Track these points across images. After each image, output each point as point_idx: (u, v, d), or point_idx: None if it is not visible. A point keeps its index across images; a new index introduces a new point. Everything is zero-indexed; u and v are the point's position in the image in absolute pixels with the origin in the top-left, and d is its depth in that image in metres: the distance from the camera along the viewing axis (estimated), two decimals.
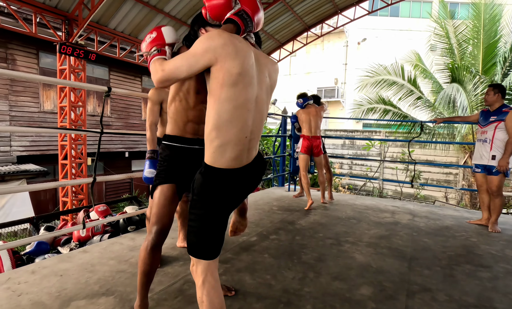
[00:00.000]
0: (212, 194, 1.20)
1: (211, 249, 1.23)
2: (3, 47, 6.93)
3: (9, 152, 7.13)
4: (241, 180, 1.24)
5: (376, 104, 10.32)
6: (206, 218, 1.21)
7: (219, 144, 1.16)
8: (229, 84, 1.11)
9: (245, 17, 1.21)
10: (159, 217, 1.51)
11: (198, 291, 1.22)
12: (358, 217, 3.70)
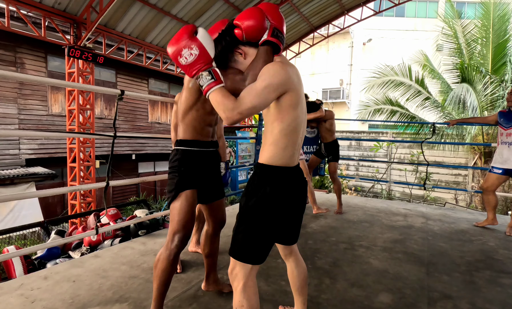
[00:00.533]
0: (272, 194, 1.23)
1: (261, 254, 1.24)
2: (12, 51, 7.00)
3: (18, 156, 7.19)
4: (295, 179, 1.28)
5: (383, 105, 10.24)
6: (252, 219, 1.22)
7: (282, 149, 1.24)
8: (293, 108, 1.21)
9: (280, 36, 1.24)
10: (184, 224, 1.50)
11: (238, 295, 1.21)
12: (370, 220, 3.64)
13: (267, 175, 1.24)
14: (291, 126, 1.22)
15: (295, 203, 1.30)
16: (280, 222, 1.26)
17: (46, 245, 2.02)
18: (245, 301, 1.20)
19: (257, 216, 1.22)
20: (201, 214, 2.46)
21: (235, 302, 1.22)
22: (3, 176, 6.23)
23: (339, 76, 20.73)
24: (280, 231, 1.30)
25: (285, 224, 1.30)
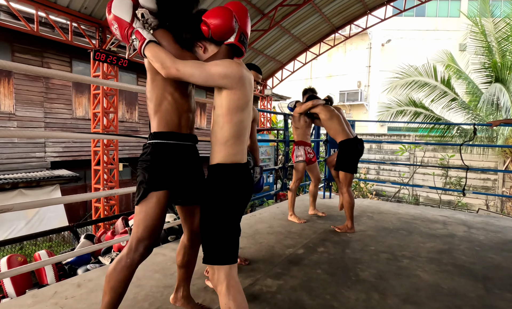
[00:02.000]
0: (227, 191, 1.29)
1: (233, 252, 1.29)
2: (39, 56, 7.17)
3: (43, 158, 7.33)
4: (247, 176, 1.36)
5: (406, 107, 9.89)
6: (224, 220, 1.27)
7: (232, 149, 1.29)
8: (240, 110, 1.28)
9: (245, 41, 1.32)
10: (152, 231, 1.31)
11: (223, 298, 1.22)
12: (407, 228, 3.42)
13: (224, 174, 1.29)
14: (239, 127, 1.29)
15: (248, 197, 1.37)
16: (239, 217, 1.34)
17: (80, 251, 1.95)
18: (231, 302, 1.21)
19: (222, 217, 1.27)
20: None
21: (222, 306, 1.23)
22: (30, 178, 6.35)
23: (357, 78, 20.35)
24: (238, 224, 1.35)
25: (239, 218, 1.37)
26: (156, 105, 1.35)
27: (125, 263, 1.31)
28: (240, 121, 1.28)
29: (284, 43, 10.21)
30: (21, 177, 6.38)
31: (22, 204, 1.57)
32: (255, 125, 2.37)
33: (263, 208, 4.30)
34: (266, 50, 10.16)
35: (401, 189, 10.11)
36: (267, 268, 2.27)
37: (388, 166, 11.76)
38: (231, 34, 1.26)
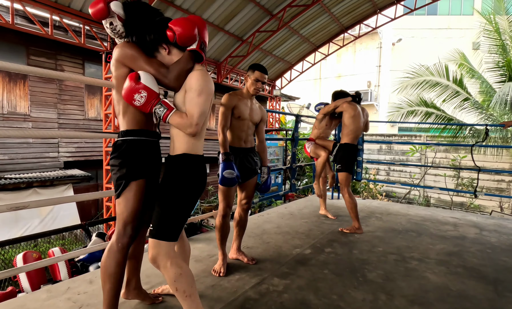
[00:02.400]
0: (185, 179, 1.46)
1: (179, 231, 1.46)
2: (53, 59, 7.35)
3: (57, 158, 7.51)
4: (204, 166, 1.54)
5: (417, 107, 9.75)
6: (181, 203, 1.44)
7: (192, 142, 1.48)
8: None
9: (204, 49, 1.51)
10: (135, 214, 1.49)
11: (171, 269, 1.35)
12: (416, 230, 3.38)
13: (186, 164, 1.45)
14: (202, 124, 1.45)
15: (202, 186, 1.53)
16: (193, 202, 1.50)
17: (92, 249, 2.00)
18: (178, 269, 1.36)
19: (184, 198, 1.43)
20: (242, 219, 2.37)
21: (171, 276, 1.35)
22: (44, 178, 6.52)
23: (367, 78, 20.15)
24: (191, 210, 1.52)
25: (194, 203, 1.53)
26: (124, 106, 1.49)
27: (117, 248, 1.46)
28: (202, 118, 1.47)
29: (292, 44, 10.20)
30: (35, 176, 6.56)
31: (37, 202, 1.63)
32: (263, 125, 2.39)
33: (271, 208, 4.31)
34: (274, 51, 10.17)
35: (411, 190, 9.95)
36: (274, 268, 2.28)
37: (399, 166, 11.60)
38: (193, 42, 1.44)
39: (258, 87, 2.18)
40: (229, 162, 2.04)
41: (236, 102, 2.16)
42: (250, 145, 2.28)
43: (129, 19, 1.46)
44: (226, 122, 2.14)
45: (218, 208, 2.23)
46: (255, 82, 2.16)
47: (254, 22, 8.39)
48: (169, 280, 1.36)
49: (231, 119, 2.18)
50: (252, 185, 2.31)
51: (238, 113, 2.16)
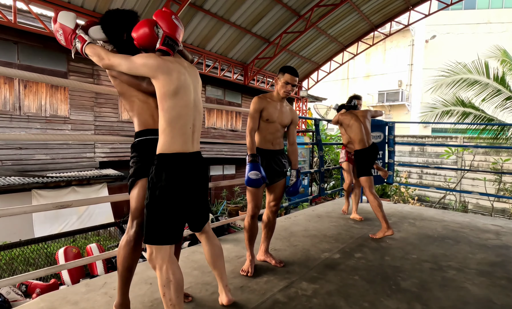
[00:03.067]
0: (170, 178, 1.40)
1: (173, 234, 1.41)
2: (90, 64, 7.78)
3: (93, 158, 7.94)
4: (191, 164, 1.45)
5: (453, 107, 9.23)
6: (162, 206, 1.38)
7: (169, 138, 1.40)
8: (169, 96, 1.40)
9: (171, 43, 1.43)
10: (140, 211, 1.54)
11: (163, 274, 1.36)
12: (453, 237, 3.20)
13: (162, 163, 1.39)
14: (172, 113, 1.39)
15: (192, 184, 1.45)
16: (181, 203, 1.42)
17: None
18: (171, 276, 1.36)
19: (162, 201, 1.37)
20: (270, 220, 2.37)
21: (161, 281, 1.36)
22: (81, 177, 6.91)
23: (398, 77, 19.41)
24: (184, 211, 1.45)
25: (185, 206, 1.45)
26: (131, 109, 1.59)
27: (125, 241, 1.56)
28: (171, 107, 1.39)
29: (320, 44, 10.05)
30: (73, 175, 6.97)
31: (79, 201, 1.73)
32: (294, 128, 2.38)
33: (298, 211, 4.27)
34: (301, 52, 10.08)
35: (447, 195, 9.43)
36: (302, 271, 2.26)
37: (433, 169, 11.05)
38: (155, 41, 1.42)
39: (288, 90, 2.16)
40: (255, 163, 2.06)
41: (265, 105, 2.16)
42: (278, 148, 2.28)
43: (109, 37, 1.53)
44: (253, 125, 2.15)
45: (247, 209, 2.24)
46: (285, 85, 2.15)
47: (281, 23, 8.37)
48: (159, 282, 1.38)
49: (260, 122, 2.18)
50: (280, 187, 2.30)
51: (266, 115, 2.16)
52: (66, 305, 1.75)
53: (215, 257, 1.67)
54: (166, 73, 1.39)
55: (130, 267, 1.56)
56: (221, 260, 1.69)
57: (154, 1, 6.30)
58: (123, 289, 1.59)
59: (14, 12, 5.18)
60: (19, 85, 6.76)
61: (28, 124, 6.88)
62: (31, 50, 6.84)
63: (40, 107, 7.08)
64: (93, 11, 6.15)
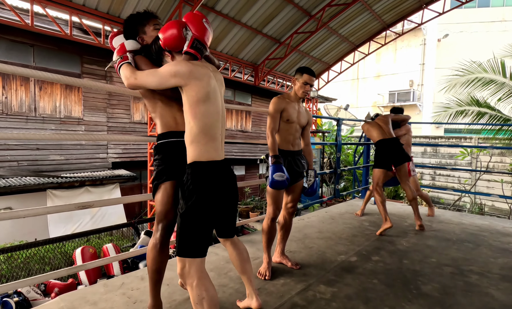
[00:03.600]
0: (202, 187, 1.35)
1: (205, 246, 1.36)
2: (104, 66, 7.89)
3: (106, 159, 8.05)
4: (223, 171, 1.40)
5: (468, 107, 9.04)
6: (197, 216, 1.33)
7: (203, 146, 1.37)
8: (202, 102, 1.36)
9: (199, 47, 1.40)
10: (165, 214, 1.54)
11: (195, 290, 1.29)
12: (473, 240, 3.11)
13: (197, 171, 1.34)
14: (205, 120, 1.35)
15: (224, 194, 1.41)
16: (215, 212, 1.38)
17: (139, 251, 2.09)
18: (204, 292, 1.28)
19: (197, 211, 1.32)
20: (287, 222, 2.35)
21: (193, 298, 1.29)
22: (94, 177, 7.01)
23: (409, 77, 19.15)
24: (216, 221, 1.42)
25: (219, 214, 1.41)
26: (153, 110, 1.59)
27: (152, 244, 1.57)
28: (204, 114, 1.35)
29: (331, 44, 9.97)
30: (87, 175, 7.07)
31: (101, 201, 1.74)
32: (309, 128, 2.38)
33: (311, 212, 4.23)
34: (312, 52, 10.02)
35: (462, 197, 9.23)
36: (319, 274, 2.22)
37: (446, 171, 10.83)
38: (182, 43, 1.39)
39: (307, 90, 2.19)
40: (279, 165, 2.05)
41: (285, 106, 2.17)
42: (297, 148, 2.28)
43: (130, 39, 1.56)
44: (275, 125, 2.15)
45: (267, 211, 2.22)
46: (303, 85, 2.17)
47: (292, 24, 8.33)
48: (191, 299, 1.31)
49: (280, 122, 2.19)
50: (299, 188, 2.29)
51: (286, 116, 2.17)
52: (86, 305, 1.76)
53: (243, 261, 1.62)
54: (198, 79, 1.35)
55: (159, 269, 1.56)
56: (249, 264, 1.64)
57: (167, 3, 6.35)
58: (154, 291, 1.59)
59: (31, 15, 5.29)
60: (35, 87, 6.90)
61: (43, 126, 7.02)
62: (46, 52, 6.97)
63: (54, 109, 7.22)
64: (107, 13, 6.23)
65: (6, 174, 6.28)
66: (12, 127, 6.60)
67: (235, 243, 1.62)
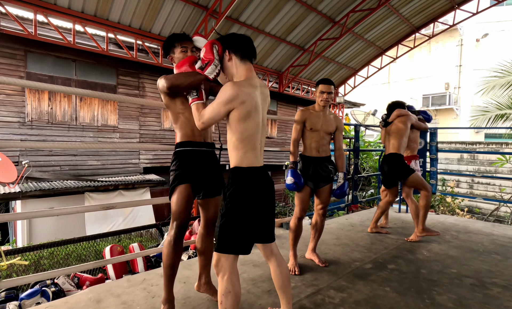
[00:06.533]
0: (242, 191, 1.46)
1: (240, 244, 1.45)
2: (136, 77, 8.43)
3: (137, 164, 8.53)
4: (261, 177, 1.51)
5: (509, 110, 8.45)
6: (235, 215, 1.44)
7: (242, 154, 1.48)
8: (242, 121, 1.46)
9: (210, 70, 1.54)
10: (180, 214, 1.68)
11: (224, 283, 1.40)
12: (502, 252, 2.95)
13: (236, 175, 1.47)
14: (244, 134, 1.47)
15: (262, 197, 1.50)
16: (251, 215, 1.46)
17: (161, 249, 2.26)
18: (230, 287, 1.40)
19: (235, 211, 1.44)
20: (318, 223, 2.52)
21: (221, 289, 1.40)
22: (127, 182, 7.47)
23: (444, 80, 18.20)
24: (253, 223, 1.48)
25: (256, 217, 1.49)
26: (175, 122, 1.75)
27: (167, 241, 1.70)
28: (243, 130, 1.47)
29: (356, 49, 9.84)
30: (120, 180, 7.55)
31: (122, 203, 1.93)
32: (340, 134, 2.53)
33: (331, 219, 4.22)
34: (337, 58, 9.95)
35: (500, 206, 8.62)
36: (331, 279, 2.25)
37: (486, 179, 10.15)
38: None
39: (325, 98, 2.37)
40: (292, 169, 2.30)
41: (307, 116, 2.39)
42: (324, 155, 2.44)
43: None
44: (296, 136, 2.41)
45: (294, 211, 2.43)
46: (320, 94, 2.38)
47: (316, 31, 8.37)
48: (219, 290, 1.42)
49: (304, 131, 2.41)
50: (326, 192, 2.44)
51: (310, 125, 2.38)
52: (110, 297, 1.95)
53: (286, 282, 1.59)
54: (241, 103, 1.45)
55: (172, 265, 1.69)
56: (290, 285, 1.61)
57: (194, 17, 6.68)
58: (167, 286, 1.71)
59: (73, 34, 5.83)
60: (76, 98, 7.53)
61: (82, 133, 7.62)
62: (86, 66, 7.60)
63: (93, 118, 7.81)
64: (139, 29, 6.68)
65: (50, 177, 6.90)
66: (56, 135, 7.24)
67: (278, 261, 1.59)
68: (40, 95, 7.05)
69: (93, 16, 5.91)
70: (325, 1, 7.44)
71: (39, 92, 7.02)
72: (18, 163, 6.60)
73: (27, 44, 6.69)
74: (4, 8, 5.20)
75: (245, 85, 1.48)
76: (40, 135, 7.02)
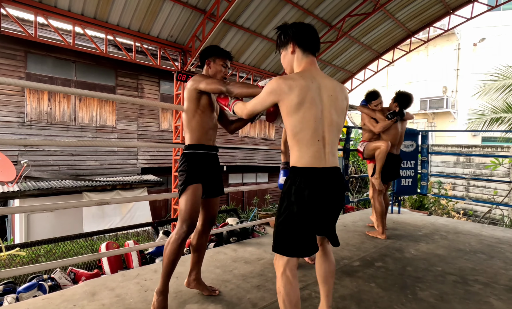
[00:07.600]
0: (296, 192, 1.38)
1: (294, 248, 1.39)
2: (135, 79, 8.52)
3: (135, 165, 8.61)
4: (322, 180, 1.38)
5: (504, 114, 8.57)
6: (287, 217, 1.39)
7: (298, 153, 1.40)
8: (290, 115, 1.39)
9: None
10: (190, 213, 1.72)
11: (278, 281, 1.41)
12: (488, 252, 3.04)
13: (293, 175, 1.39)
14: (296, 130, 1.38)
15: (322, 199, 1.39)
16: (308, 217, 1.37)
17: (157, 243, 2.33)
18: (281, 288, 1.39)
19: (285, 215, 1.39)
20: None
21: (278, 286, 1.42)
22: (125, 182, 7.55)
23: (442, 83, 18.33)
24: (310, 226, 1.39)
25: (314, 220, 1.39)
26: (188, 125, 1.83)
27: (174, 238, 1.74)
28: (294, 123, 1.37)
29: (353, 53, 9.96)
30: (118, 180, 7.63)
31: (116, 199, 2.01)
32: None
33: None
34: (334, 61, 10.06)
35: (492, 209, 8.71)
36: None
37: (481, 182, 10.25)
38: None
39: None
40: (284, 169, 2.44)
41: None
42: None
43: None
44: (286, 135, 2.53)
45: None
46: None
47: None
48: (277, 287, 1.43)
49: None
50: None
51: None
52: (105, 290, 2.02)
53: (329, 274, 1.59)
54: (286, 93, 1.37)
55: (174, 261, 1.75)
56: (332, 278, 1.61)
57: (192, 20, 6.78)
58: (165, 279, 1.77)
59: (73, 36, 5.92)
60: (75, 98, 7.61)
61: (81, 133, 7.70)
62: (85, 67, 7.69)
63: (92, 118, 7.89)
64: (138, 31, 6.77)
65: (49, 177, 6.97)
66: (55, 135, 7.32)
67: (326, 253, 1.60)
68: (40, 96, 7.14)
69: (92, 18, 6.01)
70: (322, 6, 7.56)
71: (39, 92, 7.11)
72: (17, 162, 6.67)
73: (28, 46, 6.78)
74: (5, 10, 5.29)
75: (295, 78, 1.39)
76: (39, 135, 7.10)
